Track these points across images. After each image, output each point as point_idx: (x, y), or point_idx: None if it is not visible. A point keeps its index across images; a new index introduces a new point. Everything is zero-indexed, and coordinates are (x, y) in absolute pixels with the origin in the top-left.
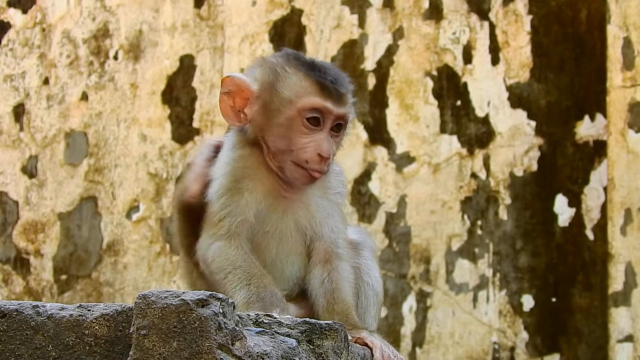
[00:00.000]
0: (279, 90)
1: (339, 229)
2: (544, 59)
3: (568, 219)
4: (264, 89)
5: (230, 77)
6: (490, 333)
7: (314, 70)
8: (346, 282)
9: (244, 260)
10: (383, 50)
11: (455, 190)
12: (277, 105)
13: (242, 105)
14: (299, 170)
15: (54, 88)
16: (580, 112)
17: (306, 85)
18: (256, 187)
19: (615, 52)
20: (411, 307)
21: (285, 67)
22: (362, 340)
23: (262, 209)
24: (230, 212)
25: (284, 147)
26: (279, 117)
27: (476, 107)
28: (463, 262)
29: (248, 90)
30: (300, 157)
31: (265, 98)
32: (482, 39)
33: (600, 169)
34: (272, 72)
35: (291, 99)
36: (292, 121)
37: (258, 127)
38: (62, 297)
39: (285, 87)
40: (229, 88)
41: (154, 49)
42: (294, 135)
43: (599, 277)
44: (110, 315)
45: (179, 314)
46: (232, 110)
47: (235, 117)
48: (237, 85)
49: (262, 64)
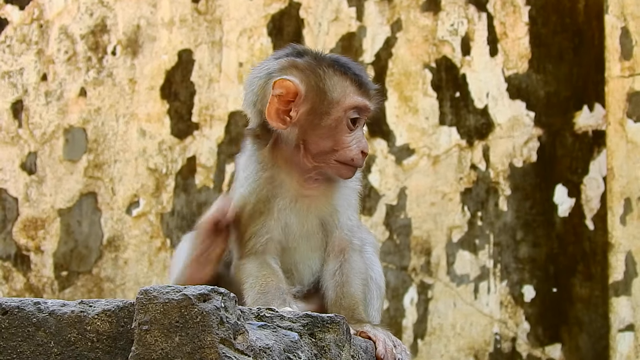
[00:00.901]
0: (327, 92)
1: (355, 217)
2: (542, 50)
3: (568, 209)
4: (310, 91)
5: (283, 79)
6: (492, 324)
7: (348, 68)
8: (357, 275)
9: (258, 269)
10: (381, 43)
11: (455, 182)
12: (325, 107)
13: (287, 108)
14: (344, 168)
15: (52, 84)
16: (579, 102)
17: (348, 85)
18: (284, 204)
19: (614, 42)
20: (412, 299)
21: (324, 67)
22: (365, 334)
23: (290, 216)
24: (255, 233)
25: (329, 148)
26: (327, 118)
27: (475, 99)
28: (464, 254)
29: (297, 93)
30: (347, 156)
31: (313, 100)
32: (480, 30)
33: (599, 158)
34: (314, 73)
35: (338, 100)
36: (338, 122)
37: (302, 129)
38: (63, 293)
39: (331, 89)
40: (281, 90)
41: (152, 44)
42: (339, 135)
43: (600, 267)
44: (111, 311)
45: (180, 309)
46: (277, 112)
47: (280, 120)
48: (287, 88)
49: (297, 66)
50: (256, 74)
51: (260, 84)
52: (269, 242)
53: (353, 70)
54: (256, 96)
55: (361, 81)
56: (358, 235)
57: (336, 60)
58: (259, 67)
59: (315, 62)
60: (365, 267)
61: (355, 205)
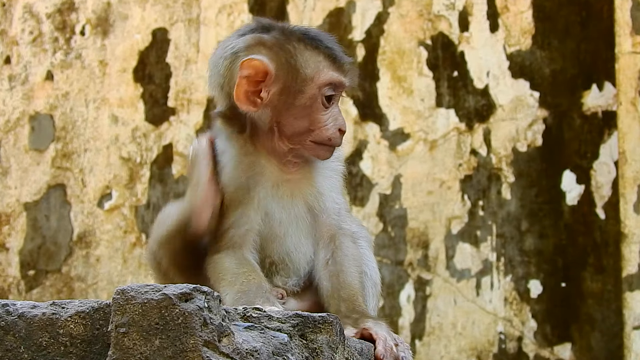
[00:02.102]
0: (299, 69)
1: (341, 200)
2: (547, 24)
3: (577, 197)
4: (281, 69)
5: (250, 59)
6: (496, 322)
7: (320, 41)
8: (351, 262)
9: (237, 265)
10: (372, 19)
11: (454, 169)
12: (299, 86)
13: (256, 89)
14: (321, 148)
15: (16, 67)
16: (587, 80)
17: (321, 60)
18: (266, 192)
19: (624, 15)
20: (409, 296)
21: (294, 43)
22: (367, 332)
23: (271, 203)
24: (233, 223)
25: (304, 128)
26: (301, 97)
27: (474, 78)
28: (464, 246)
29: (267, 73)
30: (324, 135)
31: (284, 79)
32: (480, 3)
33: (610, 141)
34: (284, 50)
35: (312, 77)
36: (313, 100)
37: (275, 110)
38: (31, 294)
39: (303, 64)
40: (249, 71)
41: (123, 23)
42: (314, 114)
43: (612, 259)
44: (86, 313)
45: (160, 310)
46: (246, 95)
47: (250, 103)
48: (255, 68)
49: (265, 43)
50: (221, 54)
51: (226, 65)
52: (248, 233)
53: (325, 43)
54: (222, 78)
55: (334, 55)
56: (347, 221)
57: (305, 33)
58: (223, 45)
59: (283, 37)
60: (360, 254)
61: (340, 187)
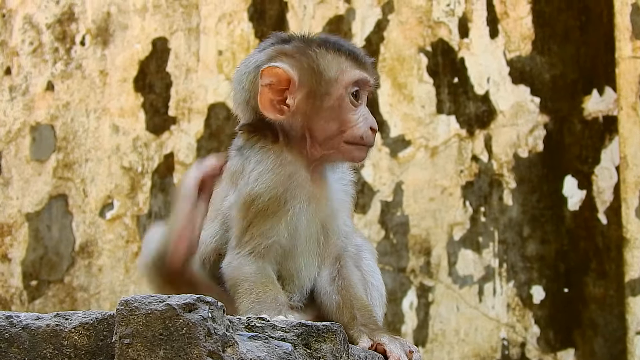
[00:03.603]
0: (322, 71)
1: (350, 223)
2: (546, 30)
3: (578, 202)
4: (304, 75)
5: (271, 67)
6: (499, 328)
7: (340, 44)
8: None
9: (256, 275)
10: (372, 26)
11: (455, 175)
12: (324, 88)
13: (281, 97)
14: (356, 149)
15: (17, 78)
16: (587, 85)
17: (343, 60)
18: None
19: (624, 20)
20: (412, 303)
21: (314, 48)
22: (382, 348)
23: (302, 219)
24: (261, 234)
25: (335, 130)
26: (328, 99)
27: (475, 84)
28: (466, 253)
29: (289, 80)
30: (356, 135)
31: (309, 84)
32: (479, 10)
33: (611, 146)
34: (305, 56)
35: (336, 78)
36: (341, 100)
37: (304, 116)
38: (33, 304)
39: (326, 67)
40: (270, 79)
41: (123, 33)
42: (344, 115)
43: (614, 264)
44: (90, 324)
45: (164, 320)
46: (272, 103)
47: (277, 111)
48: (277, 75)
49: (286, 52)
50: (244, 70)
51: (250, 79)
52: (274, 245)
53: (345, 45)
54: (247, 92)
55: (356, 54)
56: (353, 242)
57: (325, 39)
58: (245, 62)
59: (304, 44)
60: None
61: (350, 210)
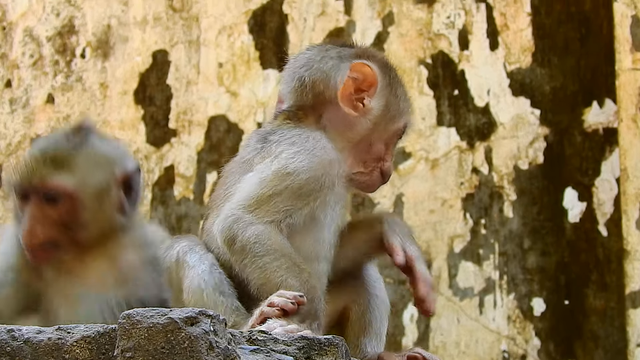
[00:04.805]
0: (399, 97)
1: None
2: (546, 42)
3: (579, 214)
4: (386, 88)
5: (364, 63)
6: (499, 340)
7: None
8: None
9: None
10: (372, 38)
11: (455, 187)
12: (396, 113)
13: (359, 96)
14: (379, 180)
15: (17, 91)
16: (588, 97)
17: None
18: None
19: (624, 32)
20: (412, 315)
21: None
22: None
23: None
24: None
25: (379, 155)
26: (393, 123)
27: (475, 96)
28: (467, 265)
29: (373, 83)
30: (387, 170)
31: (388, 99)
32: (479, 22)
33: (611, 158)
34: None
35: (403, 113)
36: (396, 132)
37: (375, 123)
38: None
39: (401, 97)
40: (358, 75)
41: (124, 45)
42: (390, 146)
43: (615, 276)
44: (91, 337)
45: (166, 334)
46: (350, 97)
47: (351, 105)
48: (365, 75)
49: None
50: (325, 54)
51: (333, 64)
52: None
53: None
54: (324, 75)
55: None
56: None
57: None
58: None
59: (387, 62)
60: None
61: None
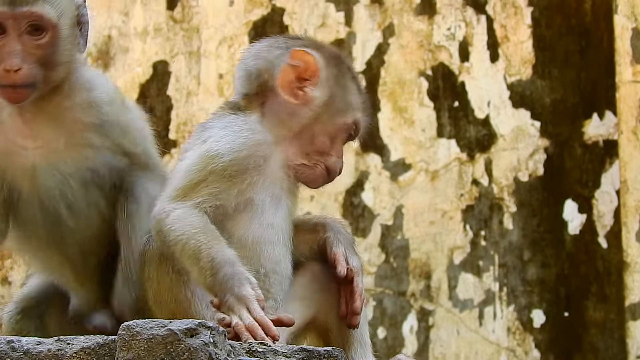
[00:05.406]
0: (346, 90)
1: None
2: (547, 54)
3: (579, 226)
4: (330, 80)
5: (304, 51)
6: (499, 352)
7: (362, 86)
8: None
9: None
10: (373, 50)
11: (455, 199)
12: (342, 106)
13: (300, 85)
14: (323, 175)
15: None
16: (588, 109)
17: (359, 99)
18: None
19: (624, 44)
20: (412, 326)
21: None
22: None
23: (265, 201)
24: (212, 194)
25: (325, 149)
26: (339, 117)
27: (475, 108)
28: (467, 277)
29: (315, 72)
30: (335, 165)
31: (332, 91)
32: (480, 34)
33: (611, 170)
34: (337, 67)
35: (353, 106)
36: (343, 128)
37: (318, 113)
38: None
39: (349, 90)
40: (298, 62)
41: (124, 56)
42: (337, 141)
43: (615, 288)
44: (91, 349)
45: (166, 345)
46: (290, 84)
47: (292, 93)
48: (307, 63)
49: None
50: (271, 44)
51: (277, 54)
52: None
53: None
54: (269, 64)
55: (367, 103)
56: None
57: (353, 70)
58: (275, 39)
59: (337, 55)
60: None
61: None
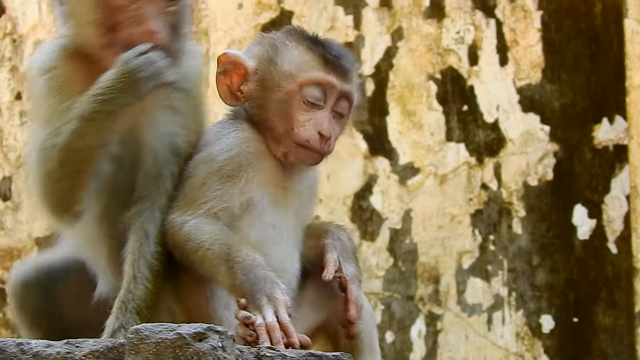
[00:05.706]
0: (278, 63)
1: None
2: (556, 58)
3: (588, 231)
4: (262, 64)
5: (226, 54)
6: (508, 357)
7: (317, 44)
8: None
9: (223, 233)
10: (381, 53)
11: (464, 203)
12: (276, 80)
13: (239, 83)
14: (303, 151)
15: (27, 103)
16: (598, 114)
17: (308, 59)
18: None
19: (634, 48)
20: (420, 331)
21: (286, 41)
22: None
23: (264, 200)
24: (216, 197)
25: (285, 127)
26: (277, 92)
27: (484, 112)
28: (475, 281)
29: (244, 67)
30: (301, 136)
31: (263, 74)
32: (489, 37)
33: (621, 175)
34: (271, 46)
35: (292, 73)
36: (292, 96)
37: (257, 105)
38: None
39: (285, 60)
40: (225, 66)
41: None
42: (293, 113)
43: (624, 294)
44: (100, 352)
45: (174, 349)
46: (229, 89)
47: (233, 97)
48: (233, 63)
49: (261, 40)
50: None
51: None
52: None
53: (324, 47)
54: None
55: (328, 56)
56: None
57: (308, 36)
58: None
59: (283, 35)
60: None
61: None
